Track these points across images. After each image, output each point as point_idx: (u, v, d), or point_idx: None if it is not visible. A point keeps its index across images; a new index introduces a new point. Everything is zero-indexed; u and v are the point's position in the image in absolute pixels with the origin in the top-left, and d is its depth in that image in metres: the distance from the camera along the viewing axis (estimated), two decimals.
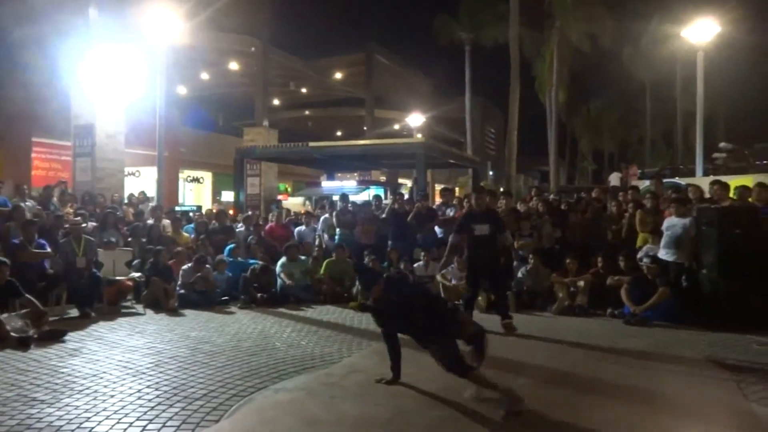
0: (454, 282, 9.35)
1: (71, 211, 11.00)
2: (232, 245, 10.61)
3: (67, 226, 9.44)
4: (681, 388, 4.99)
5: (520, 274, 9.24)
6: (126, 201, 13.57)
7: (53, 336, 6.56)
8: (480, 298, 8.91)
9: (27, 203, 10.59)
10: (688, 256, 8.17)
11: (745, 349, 6.45)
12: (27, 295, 7.05)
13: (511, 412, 4.07)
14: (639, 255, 8.62)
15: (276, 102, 29.78)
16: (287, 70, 24.90)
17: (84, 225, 9.48)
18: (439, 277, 9.47)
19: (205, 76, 25.20)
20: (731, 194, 8.86)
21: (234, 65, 23.66)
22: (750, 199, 8.52)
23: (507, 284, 8.37)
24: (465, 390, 4.38)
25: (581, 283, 8.75)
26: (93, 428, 3.96)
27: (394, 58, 29.75)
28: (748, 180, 10.21)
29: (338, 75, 27.89)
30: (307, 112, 34.60)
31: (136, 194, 14.56)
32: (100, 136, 14.29)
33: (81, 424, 4.04)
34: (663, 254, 8.30)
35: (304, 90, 29.06)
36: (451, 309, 4.97)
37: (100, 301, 8.45)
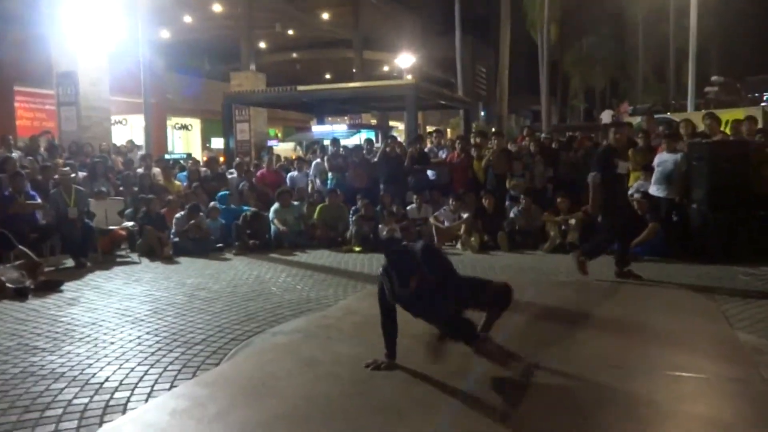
0: (447, 224, 9.41)
1: (60, 161, 10.90)
2: (224, 192, 10.59)
3: (56, 177, 9.37)
4: (669, 318, 5.12)
5: (512, 214, 9.31)
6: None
7: (50, 286, 6.61)
8: (473, 239, 9.01)
9: (14, 154, 10.47)
10: (678, 191, 8.23)
11: (732, 280, 6.61)
12: (20, 247, 7.06)
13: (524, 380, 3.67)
14: (630, 191, 8.67)
15: (262, 45, 29.11)
16: (272, 12, 24.23)
17: (73, 175, 9.40)
18: (432, 220, 9.53)
19: (188, 19, 24.50)
20: (723, 128, 8.88)
21: (217, 6, 22.99)
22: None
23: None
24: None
25: (572, 221, 8.83)
26: (95, 374, 4.04)
27: None
28: (740, 113, 10.18)
29: (325, 15, 27.17)
30: (294, 55, 33.87)
31: (124, 143, 14.42)
32: (84, 83, 14.00)
33: (83, 370, 4.12)
34: (654, 190, 8.36)
35: (290, 32, 28.35)
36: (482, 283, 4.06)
37: (94, 251, 8.48)
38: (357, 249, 9.20)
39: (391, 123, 28.39)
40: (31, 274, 6.68)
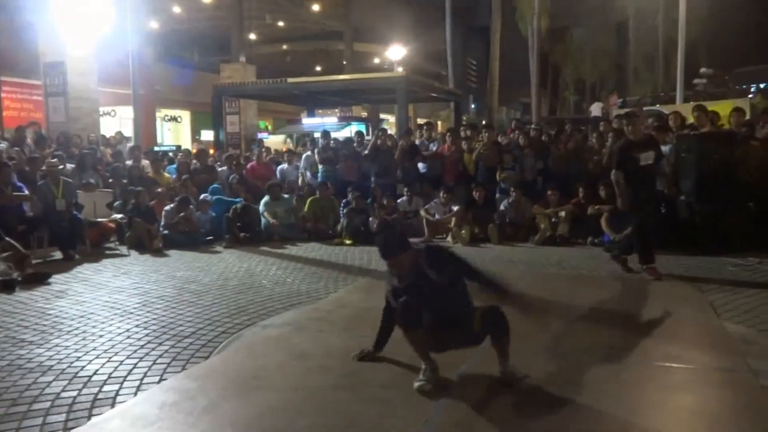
0: (437, 217, 9.42)
1: (48, 152, 10.80)
2: (216, 185, 10.54)
3: (44, 168, 9.28)
4: (657, 309, 5.16)
5: (502, 207, 9.33)
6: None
7: (37, 278, 6.55)
8: (464, 231, 9.02)
9: (0, 145, 10.37)
10: (667, 183, 8.26)
11: (720, 271, 6.66)
12: (7, 239, 6.98)
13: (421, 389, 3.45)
14: None
15: (253, 36, 28.96)
16: (263, 2, 24.12)
17: (61, 167, 9.32)
18: (422, 212, 9.52)
19: (177, 10, 24.34)
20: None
21: None
22: (721, 125, 8.63)
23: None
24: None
25: (562, 214, 8.87)
26: (83, 367, 4.01)
27: None
28: (728, 105, 10.24)
29: (315, 6, 27.07)
30: (285, 47, 33.74)
31: (113, 134, 14.31)
32: (72, 74, 13.87)
33: (71, 363, 4.09)
34: None
35: (281, 23, 28.25)
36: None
37: (82, 243, 8.41)
38: (348, 242, 9.20)
39: (382, 115, 28.34)
40: (18, 266, 6.62)
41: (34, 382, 3.75)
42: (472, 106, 35.39)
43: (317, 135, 12.75)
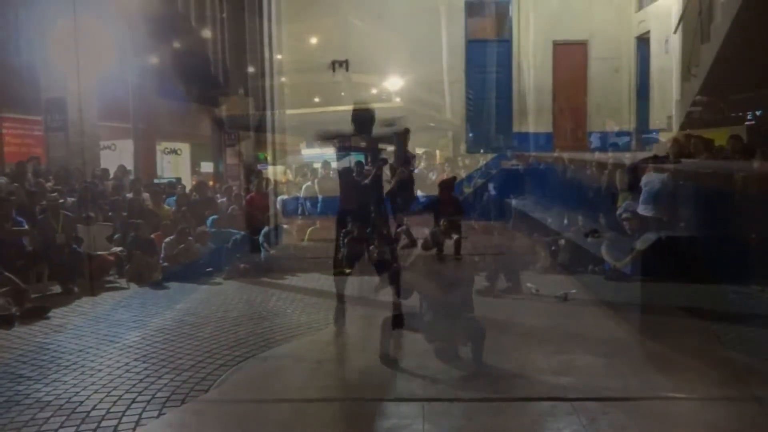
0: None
1: (49, 185, 10.82)
2: (215, 216, 10.54)
3: (44, 202, 9.28)
4: (659, 338, 5.12)
5: None
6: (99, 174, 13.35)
7: (36, 313, 6.51)
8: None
9: (0, 180, 10.39)
10: (665, 210, 8.28)
11: (722, 299, 6.63)
12: (6, 273, 6.95)
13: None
14: (618, 211, 8.72)
15: (251, 69, 29.33)
16: (261, 36, 24.47)
17: (62, 201, 9.33)
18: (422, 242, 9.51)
19: (177, 44, 24.66)
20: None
21: (206, 33, 23.21)
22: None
23: None
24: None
25: (562, 242, 8.86)
26: (82, 402, 3.97)
27: (369, 19, 29.28)
28: (724, 132, 10.30)
29: (313, 40, 27.45)
30: (283, 79, 34.10)
31: (116, 169, 14.38)
32: (72, 109, 13.97)
33: (70, 399, 4.04)
34: (642, 210, 8.40)
35: (279, 56, 28.61)
36: None
37: (82, 277, 8.37)
38: (348, 271, 9.15)
39: (381, 146, 28.49)
40: (17, 300, 6.58)
41: (32, 419, 3.71)
42: (470, 135, 35.60)
43: (316, 165, 12.82)
